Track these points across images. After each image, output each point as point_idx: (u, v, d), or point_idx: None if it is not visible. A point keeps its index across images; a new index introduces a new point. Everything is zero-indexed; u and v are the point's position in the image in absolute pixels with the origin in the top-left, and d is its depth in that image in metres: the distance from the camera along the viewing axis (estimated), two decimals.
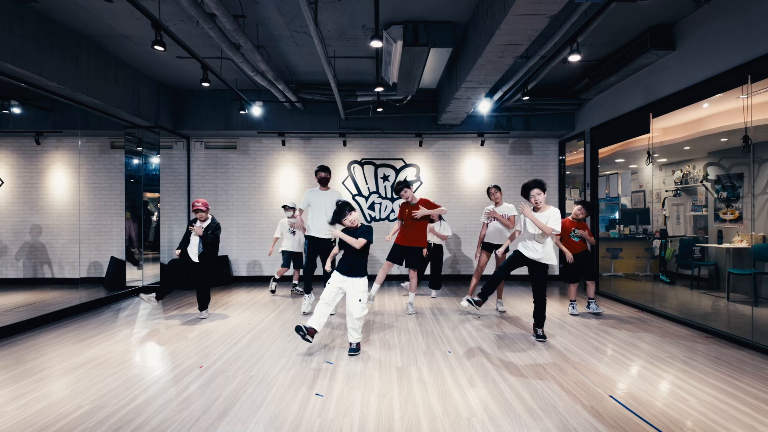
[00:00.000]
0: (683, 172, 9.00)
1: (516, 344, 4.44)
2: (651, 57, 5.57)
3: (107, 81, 6.20)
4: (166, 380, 3.49)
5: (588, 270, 5.93)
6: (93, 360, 3.99)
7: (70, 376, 3.62)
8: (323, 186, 5.84)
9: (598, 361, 3.94)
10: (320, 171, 5.81)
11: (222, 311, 6.00)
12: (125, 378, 3.54)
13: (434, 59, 5.79)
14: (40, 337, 4.73)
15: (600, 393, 3.22)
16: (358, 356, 4.05)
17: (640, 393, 3.23)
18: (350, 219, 4.16)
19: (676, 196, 9.26)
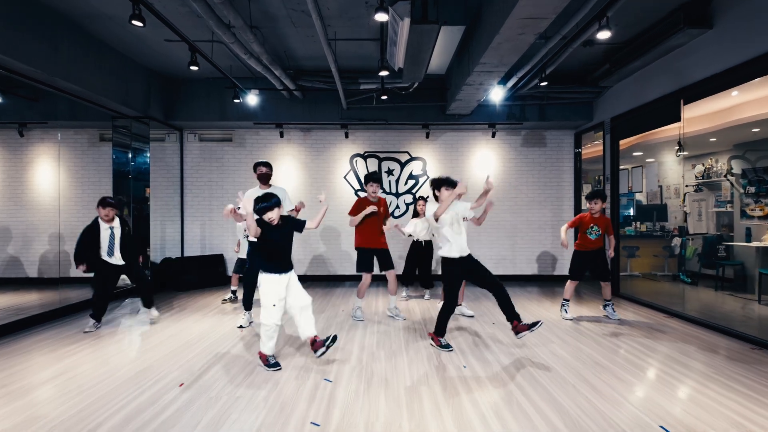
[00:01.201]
0: (705, 166, 8.48)
1: (537, 355, 3.94)
2: (683, 37, 5.04)
3: (89, 66, 5.71)
4: (140, 401, 3.02)
5: (602, 269, 5.38)
6: (63, 374, 3.53)
7: (37, 392, 3.18)
8: (264, 183, 5.17)
9: (632, 375, 3.45)
10: (261, 166, 5.13)
11: (214, 315, 5.53)
12: (95, 397, 3.09)
13: (444, 40, 5.28)
14: (12, 346, 4.27)
15: (649, 423, 2.73)
16: (360, 371, 3.56)
17: (698, 425, 2.73)
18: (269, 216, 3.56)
19: (697, 192, 8.75)
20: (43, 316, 5.23)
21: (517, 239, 8.22)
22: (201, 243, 8.22)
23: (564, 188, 8.24)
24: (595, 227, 5.30)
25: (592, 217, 5.34)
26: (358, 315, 5.33)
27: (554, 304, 6.22)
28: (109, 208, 4.92)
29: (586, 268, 5.44)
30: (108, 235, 4.93)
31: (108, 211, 4.90)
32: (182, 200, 8.21)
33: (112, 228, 4.96)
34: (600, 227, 5.29)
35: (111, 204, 4.94)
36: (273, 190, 5.10)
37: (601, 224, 5.31)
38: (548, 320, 5.29)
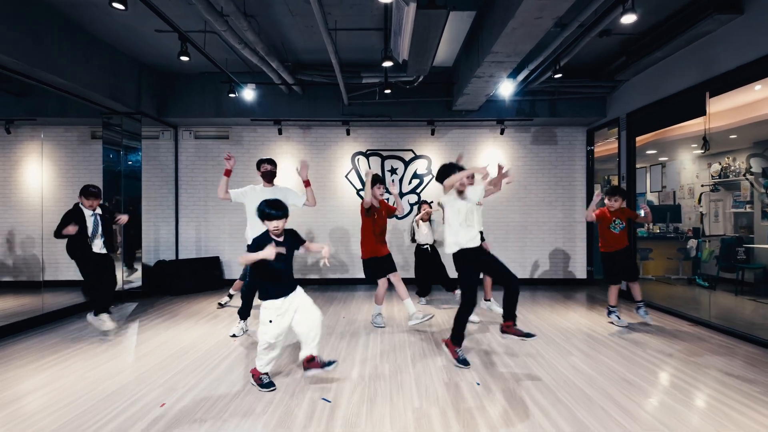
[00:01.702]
0: (722, 164, 8.11)
1: (557, 370, 3.58)
2: (711, 24, 4.68)
3: (75, 58, 5.38)
4: (118, 422, 2.69)
5: (632, 269, 5.12)
6: (37, 390, 3.20)
7: (10, 409, 2.88)
8: (268, 182, 4.76)
9: (669, 396, 3.08)
10: (265, 163, 4.73)
11: (207, 322, 5.18)
12: (73, 415, 2.80)
13: (452, 28, 4.94)
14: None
15: None
16: (362, 389, 3.21)
17: None
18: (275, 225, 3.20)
19: (714, 191, 8.37)
20: (26, 323, 4.90)
21: (526, 241, 7.85)
22: (196, 245, 7.88)
23: (576, 188, 7.87)
24: (617, 220, 5.00)
25: (611, 212, 5.05)
26: (378, 321, 5.02)
27: (567, 309, 5.86)
28: (92, 198, 4.62)
29: (618, 268, 5.08)
30: (92, 221, 4.64)
31: (92, 202, 4.62)
32: (177, 200, 7.87)
33: (95, 214, 4.67)
34: (622, 219, 5.01)
35: (94, 194, 4.63)
36: (277, 190, 4.73)
37: (621, 216, 5.02)
38: (564, 329, 4.92)
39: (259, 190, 4.67)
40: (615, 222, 4.99)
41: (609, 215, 5.02)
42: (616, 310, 5.12)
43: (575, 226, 7.87)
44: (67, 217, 4.53)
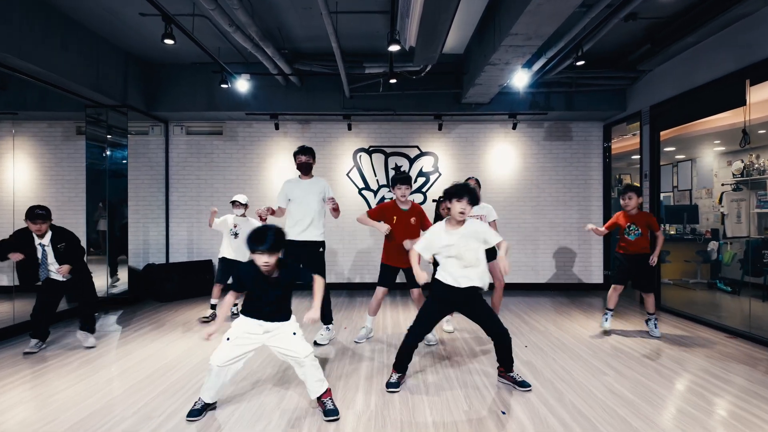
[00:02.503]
0: (745, 162, 7.64)
1: (590, 393, 3.10)
2: (753, 4, 4.21)
3: (51, 44, 4.91)
4: None
5: (646, 278, 4.64)
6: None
7: None
8: (305, 175, 4.46)
9: (728, 429, 2.61)
10: (301, 154, 4.38)
11: (195, 333, 4.70)
12: None
13: (466, 7, 4.47)
14: None
15: None
16: (368, 420, 2.73)
17: None
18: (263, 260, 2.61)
19: (736, 191, 7.91)
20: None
21: (539, 243, 7.37)
22: (188, 247, 7.40)
23: (592, 186, 7.39)
24: (632, 226, 4.57)
25: (627, 215, 4.62)
26: (361, 335, 4.46)
27: (588, 318, 5.39)
28: (39, 221, 3.92)
29: (629, 272, 4.68)
30: (41, 252, 4.01)
31: (39, 225, 3.93)
32: (167, 200, 7.39)
33: (42, 245, 4.01)
34: (639, 225, 4.55)
35: (41, 216, 3.93)
36: (317, 181, 4.45)
37: (640, 222, 4.56)
38: (588, 341, 4.45)
39: (297, 182, 4.44)
40: (630, 227, 4.58)
41: (624, 220, 4.61)
42: (609, 314, 4.76)
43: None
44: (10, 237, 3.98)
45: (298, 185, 4.42)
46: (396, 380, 3.21)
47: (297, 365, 2.74)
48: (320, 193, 4.41)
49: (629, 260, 4.61)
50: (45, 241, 4.02)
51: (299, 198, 4.38)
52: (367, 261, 7.29)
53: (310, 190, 4.38)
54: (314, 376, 2.74)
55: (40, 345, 4.13)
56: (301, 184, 4.42)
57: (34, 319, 4.10)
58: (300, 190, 4.39)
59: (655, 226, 4.57)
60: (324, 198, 4.41)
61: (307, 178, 4.46)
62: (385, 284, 4.31)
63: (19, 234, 3.99)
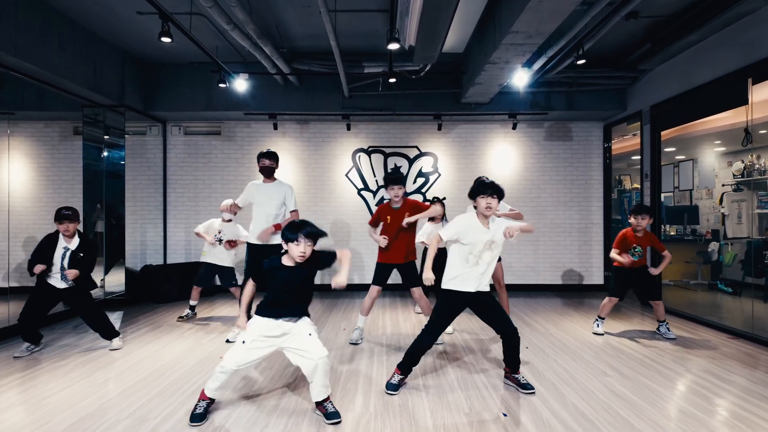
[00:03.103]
0: (745, 162, 7.61)
1: (592, 394, 3.06)
2: (754, 2, 4.18)
3: (48, 42, 4.86)
4: None
5: (650, 287, 4.62)
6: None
7: None
8: (268, 178, 4.48)
9: (730, 429, 2.57)
10: (264, 158, 4.43)
11: (192, 335, 4.65)
12: None
13: (466, 5, 4.43)
14: None
15: None
16: (367, 422, 2.68)
17: None
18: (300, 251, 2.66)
19: (736, 191, 7.87)
20: None
21: (539, 244, 7.33)
22: (186, 248, 7.36)
23: (592, 187, 7.36)
24: (638, 248, 4.55)
25: (634, 235, 4.58)
26: (355, 337, 4.39)
27: (588, 319, 5.35)
28: (66, 222, 3.98)
29: (628, 285, 4.65)
30: (61, 255, 4.00)
31: (66, 225, 3.98)
32: (165, 200, 7.35)
33: (66, 249, 4.02)
34: (643, 247, 4.55)
35: (67, 216, 3.99)
36: (278, 186, 4.48)
37: (644, 243, 4.55)
38: (590, 342, 4.41)
39: (259, 186, 4.49)
40: (635, 249, 4.56)
41: (630, 240, 4.57)
42: (601, 321, 4.74)
43: (591, 228, 7.36)
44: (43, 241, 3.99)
45: (260, 189, 4.47)
46: (397, 382, 3.16)
47: (309, 367, 2.67)
48: (281, 198, 4.44)
49: (630, 273, 4.56)
50: (72, 246, 4.03)
51: (260, 202, 4.44)
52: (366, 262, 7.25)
53: (271, 195, 4.43)
54: (322, 380, 2.69)
55: (32, 349, 4.06)
56: (263, 188, 4.47)
57: (23, 322, 3.99)
58: (261, 194, 4.44)
59: (659, 247, 4.56)
60: (284, 202, 4.46)
61: (270, 181, 4.49)
62: (379, 283, 4.29)
63: (44, 243, 3.99)
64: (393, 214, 4.23)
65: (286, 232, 2.66)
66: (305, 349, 2.68)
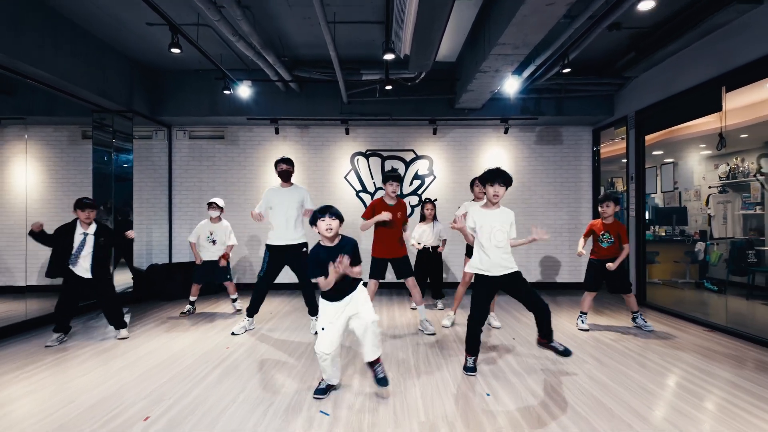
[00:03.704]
0: (730, 165, 7.90)
1: (572, 380, 3.33)
2: (730, 13, 4.47)
3: (61, 51, 5.14)
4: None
5: (620, 281, 4.87)
6: (11, 402, 2.93)
7: None
8: (285, 181, 4.80)
9: (700, 411, 2.83)
10: (282, 163, 4.75)
11: (198, 329, 4.92)
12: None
13: (457, 18, 4.72)
14: None
15: None
16: (363, 401, 2.95)
17: None
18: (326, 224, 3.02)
19: (722, 193, 8.16)
20: (6, 330, 4.64)
21: (531, 244, 7.56)
22: (190, 248, 7.61)
23: (582, 189, 7.64)
24: (606, 234, 4.82)
25: (603, 223, 4.87)
26: None
27: (575, 315, 5.59)
28: (88, 209, 4.35)
29: (601, 277, 4.91)
30: (79, 241, 4.33)
31: (88, 213, 4.35)
32: (170, 202, 7.62)
33: (86, 234, 4.35)
34: (611, 234, 4.80)
35: (89, 205, 4.37)
36: (296, 189, 4.80)
37: (612, 231, 4.81)
38: (573, 334, 4.69)
39: (277, 190, 4.76)
40: (603, 235, 4.84)
41: (598, 228, 4.87)
42: (585, 316, 4.98)
43: (581, 229, 7.63)
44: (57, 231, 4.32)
45: (278, 193, 4.75)
46: (472, 364, 3.52)
47: (361, 328, 3.01)
48: (299, 201, 4.75)
49: (602, 267, 4.82)
50: (90, 231, 4.37)
51: (279, 205, 4.71)
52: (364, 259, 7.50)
53: (289, 198, 4.71)
54: (372, 341, 3.01)
55: (61, 338, 4.38)
56: (281, 193, 4.75)
57: (58, 314, 4.35)
58: (280, 198, 4.72)
59: (624, 238, 4.80)
60: (303, 205, 4.77)
61: (287, 185, 4.79)
62: (376, 276, 4.62)
63: (61, 230, 4.33)
64: (387, 209, 4.59)
65: (316, 213, 3.02)
66: (359, 313, 3.01)
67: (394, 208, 4.60)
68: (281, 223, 4.67)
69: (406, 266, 4.68)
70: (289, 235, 4.66)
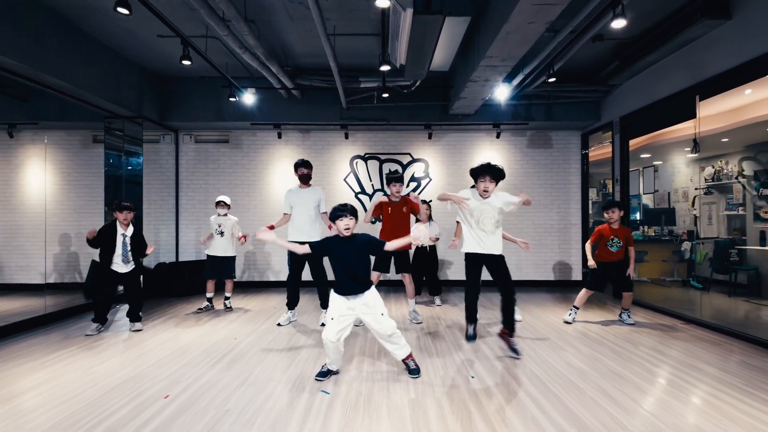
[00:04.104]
0: (715, 167, 8.24)
1: (550, 365, 3.67)
2: (701, 28, 4.81)
3: (77, 61, 5.49)
4: (121, 414, 2.75)
5: (626, 281, 5.18)
6: (42, 384, 3.27)
7: (13, 403, 2.93)
8: (304, 184, 5.18)
9: (659, 389, 3.17)
10: (302, 167, 5.14)
11: (207, 322, 5.26)
12: (74, 409, 2.83)
13: (448, 32, 5.05)
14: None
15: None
16: (360, 383, 3.29)
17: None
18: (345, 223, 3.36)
19: (707, 194, 8.50)
20: (27, 323, 4.98)
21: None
22: (196, 247, 7.97)
23: (571, 191, 7.98)
24: (615, 239, 5.13)
25: (611, 228, 5.17)
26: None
27: (562, 310, 5.95)
28: (125, 211, 4.80)
29: (607, 279, 5.25)
30: (121, 241, 4.79)
31: (125, 214, 4.79)
32: (177, 203, 7.96)
33: (125, 235, 4.81)
34: (620, 239, 5.12)
35: (127, 207, 4.83)
36: (314, 190, 5.18)
37: (620, 235, 5.12)
38: (558, 327, 5.02)
39: (296, 191, 5.16)
40: (613, 240, 5.12)
41: (608, 233, 5.15)
42: (575, 311, 5.29)
43: (570, 229, 7.98)
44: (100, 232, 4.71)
45: (298, 194, 5.12)
46: (472, 332, 4.16)
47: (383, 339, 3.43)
48: (316, 201, 5.13)
49: (611, 266, 5.14)
50: (128, 233, 4.83)
51: (299, 204, 5.09)
52: None
53: (308, 199, 5.09)
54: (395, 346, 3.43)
55: (99, 328, 4.79)
56: (300, 193, 5.12)
57: (98, 307, 4.79)
58: (299, 198, 5.09)
59: (631, 241, 5.16)
60: (319, 205, 5.15)
61: (306, 187, 5.17)
62: (379, 269, 5.04)
63: (104, 230, 4.74)
64: (393, 206, 5.12)
65: (335, 211, 3.37)
66: (378, 327, 3.34)
67: (400, 204, 5.13)
68: (301, 222, 5.05)
69: (405, 261, 5.14)
70: (307, 232, 5.02)
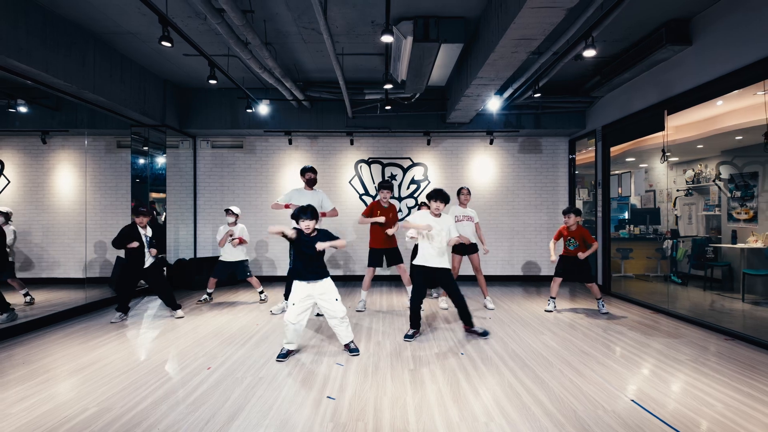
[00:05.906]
0: (695, 171, 8.87)
1: (528, 345, 4.33)
2: (667, 52, 5.45)
3: (113, 79, 6.14)
4: (173, 382, 3.41)
5: (584, 272, 5.85)
6: (99, 361, 3.92)
7: (76, 377, 3.55)
8: (310, 187, 5.83)
9: (615, 362, 3.83)
10: (308, 172, 5.79)
11: (229, 311, 5.92)
12: (132, 380, 3.47)
13: (444, 55, 5.69)
14: (46, 337, 4.67)
15: (619, 395, 3.12)
16: (368, 358, 3.96)
17: (659, 395, 3.12)
18: (305, 224, 3.97)
19: (687, 196, 9.13)
20: (71, 312, 5.64)
21: (514, 241, 8.61)
22: (213, 245, 8.62)
23: (559, 192, 8.63)
24: (572, 239, 5.86)
25: (568, 230, 5.88)
26: (360, 306, 5.91)
27: (546, 301, 6.60)
28: (142, 216, 5.46)
29: (566, 269, 5.90)
30: (145, 240, 5.47)
31: (141, 219, 5.45)
32: (195, 204, 8.61)
33: (146, 236, 5.50)
34: (576, 239, 5.82)
35: (143, 212, 5.48)
36: (317, 192, 5.82)
37: (576, 236, 5.82)
38: (541, 315, 5.67)
39: (301, 191, 5.78)
40: (570, 240, 5.86)
41: (565, 234, 5.89)
42: (553, 301, 5.97)
43: (558, 228, 8.61)
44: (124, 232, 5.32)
45: (303, 195, 5.72)
46: (411, 333, 4.62)
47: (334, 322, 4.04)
48: (318, 202, 5.74)
49: (569, 259, 5.86)
50: (148, 233, 5.53)
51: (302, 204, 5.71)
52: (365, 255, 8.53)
53: (311, 199, 5.67)
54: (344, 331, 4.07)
55: (122, 317, 5.43)
56: (305, 194, 5.73)
57: (121, 297, 5.45)
58: (305, 198, 5.68)
59: (589, 239, 5.80)
60: (320, 206, 5.74)
61: (310, 189, 5.81)
62: (374, 265, 5.80)
63: (126, 231, 5.35)
64: (382, 210, 5.83)
65: (299, 213, 3.96)
66: (332, 309, 3.99)
67: (387, 210, 5.82)
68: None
69: (396, 255, 5.87)
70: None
